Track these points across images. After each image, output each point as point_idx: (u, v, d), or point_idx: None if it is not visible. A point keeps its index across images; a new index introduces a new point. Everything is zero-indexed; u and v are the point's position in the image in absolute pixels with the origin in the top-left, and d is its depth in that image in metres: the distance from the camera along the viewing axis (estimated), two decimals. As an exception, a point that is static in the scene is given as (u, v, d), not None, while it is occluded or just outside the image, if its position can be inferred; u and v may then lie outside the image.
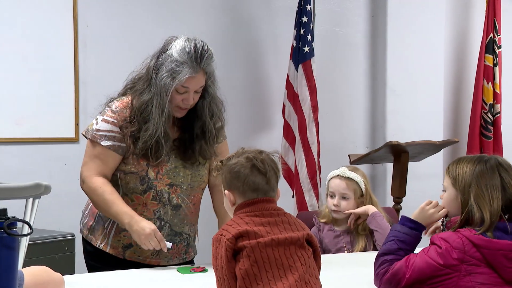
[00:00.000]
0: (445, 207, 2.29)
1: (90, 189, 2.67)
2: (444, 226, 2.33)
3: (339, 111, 5.37)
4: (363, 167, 4.31)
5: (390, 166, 4.75)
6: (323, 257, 2.12)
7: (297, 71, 4.84)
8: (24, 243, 2.36)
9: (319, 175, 4.79)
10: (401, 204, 4.40)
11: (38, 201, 2.41)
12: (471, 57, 5.70)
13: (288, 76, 4.91)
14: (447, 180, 2.27)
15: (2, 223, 1.69)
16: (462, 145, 5.50)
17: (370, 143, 5.45)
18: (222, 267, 1.91)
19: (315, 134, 4.82)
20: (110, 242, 2.74)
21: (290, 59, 4.90)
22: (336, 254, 3.08)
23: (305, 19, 4.80)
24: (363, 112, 5.47)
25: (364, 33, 5.43)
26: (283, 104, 4.95)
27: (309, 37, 4.81)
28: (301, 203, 4.76)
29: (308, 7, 4.83)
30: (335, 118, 5.30)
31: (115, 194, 2.64)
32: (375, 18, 5.42)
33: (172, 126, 2.72)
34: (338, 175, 3.14)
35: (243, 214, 1.99)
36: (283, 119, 4.94)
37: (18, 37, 3.99)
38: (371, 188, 3.23)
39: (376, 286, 2.26)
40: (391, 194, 4.49)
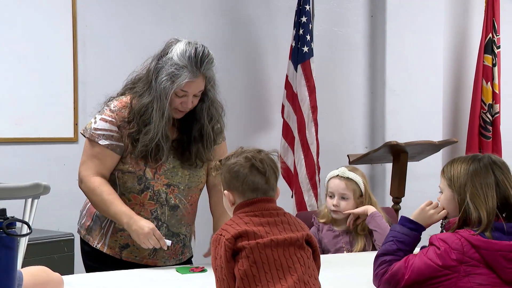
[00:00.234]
0: (444, 208, 2.30)
1: (88, 189, 2.67)
2: (443, 227, 2.33)
3: (338, 111, 5.36)
4: (362, 167, 4.31)
5: (389, 166, 4.75)
6: (322, 257, 2.12)
7: (296, 71, 4.84)
8: (23, 243, 2.36)
9: (318, 175, 4.79)
10: (400, 204, 4.39)
11: (37, 201, 2.41)
12: (470, 57, 5.70)
13: (287, 76, 4.91)
14: (443, 182, 2.27)
15: (1, 223, 1.69)
16: (461, 145, 5.50)
17: (369, 143, 5.45)
18: (222, 267, 1.91)
19: (314, 134, 4.82)
20: (107, 243, 2.74)
21: (289, 59, 4.90)
22: (335, 254, 3.08)
23: (304, 19, 4.80)
24: (362, 112, 5.46)
25: (363, 33, 5.43)
26: (282, 104, 4.95)
27: (308, 37, 4.81)
28: (300, 203, 4.76)
29: (307, 7, 4.83)
30: (334, 118, 5.30)
31: (113, 194, 2.64)
32: (374, 18, 5.42)
33: (171, 127, 2.71)
34: (338, 175, 3.14)
35: (243, 214, 1.98)
36: (282, 119, 4.94)
37: (17, 37, 3.99)
38: (370, 188, 3.22)
39: (375, 286, 2.26)
40: (390, 194, 4.49)
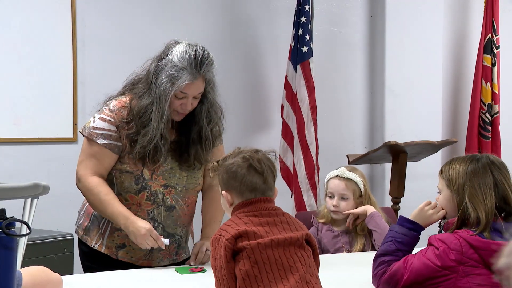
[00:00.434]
0: (443, 209, 2.30)
1: (86, 188, 2.67)
2: (442, 227, 2.33)
3: (338, 111, 5.36)
4: (361, 167, 4.31)
5: (388, 166, 4.75)
6: (322, 257, 2.12)
7: (295, 71, 4.84)
8: (22, 243, 2.36)
9: (318, 175, 4.79)
10: (399, 204, 4.39)
11: (36, 201, 2.40)
12: (470, 57, 5.70)
13: (286, 76, 4.91)
14: (441, 182, 2.27)
15: (0, 223, 1.69)
16: (460, 145, 5.50)
17: (369, 143, 5.45)
18: (221, 267, 1.91)
19: (314, 134, 4.82)
20: (105, 242, 2.74)
21: (289, 59, 4.90)
22: (334, 254, 3.08)
23: (303, 19, 4.80)
24: (362, 112, 5.46)
25: (363, 33, 5.43)
26: (282, 104, 4.95)
27: (307, 37, 4.81)
28: (299, 203, 4.76)
29: (307, 7, 4.83)
30: (333, 118, 5.30)
31: (110, 195, 2.64)
32: (374, 19, 5.42)
33: (170, 129, 2.71)
34: (337, 176, 3.14)
35: (242, 214, 1.98)
36: (281, 119, 4.94)
37: (16, 37, 3.99)
38: (369, 188, 3.22)
39: (374, 287, 2.26)
40: (390, 194, 4.49)
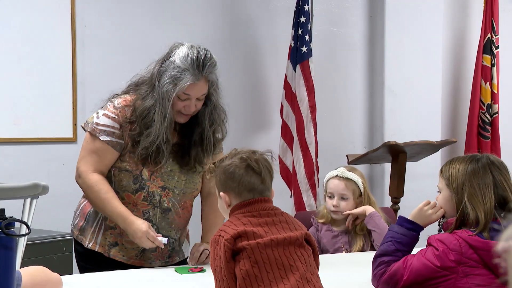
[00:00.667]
0: (442, 208, 2.30)
1: (86, 185, 2.67)
2: (441, 227, 2.33)
3: (337, 111, 5.36)
4: (361, 167, 4.31)
5: (388, 166, 4.75)
6: (321, 257, 2.12)
7: (295, 71, 4.83)
8: (22, 243, 2.35)
9: (317, 175, 4.79)
10: (399, 204, 4.39)
11: (36, 201, 2.40)
12: (469, 57, 5.71)
13: (286, 76, 4.90)
14: (441, 182, 2.27)
15: (0, 223, 1.69)
16: (460, 145, 5.50)
17: (368, 143, 5.45)
18: (221, 267, 1.91)
19: (313, 134, 4.82)
20: (99, 241, 2.74)
21: (288, 59, 4.89)
22: (334, 254, 3.08)
23: (303, 19, 4.80)
24: (361, 112, 5.46)
25: (362, 33, 5.43)
26: (281, 104, 4.95)
27: (307, 37, 4.81)
28: (299, 203, 4.76)
29: (306, 7, 4.83)
30: (333, 118, 5.30)
31: (110, 193, 2.64)
32: (373, 18, 5.42)
33: (173, 131, 2.72)
34: (337, 176, 3.13)
35: (240, 215, 1.98)
36: (281, 119, 4.94)
37: (16, 37, 3.98)
38: (369, 188, 3.22)
39: (374, 287, 2.26)
40: (389, 194, 4.49)
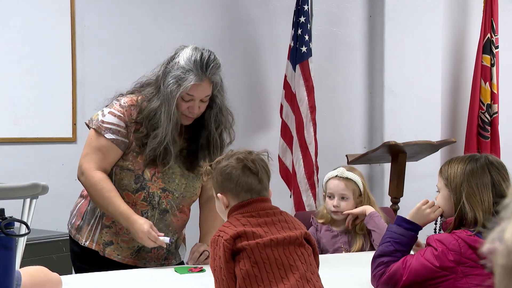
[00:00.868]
0: (440, 207, 2.30)
1: (89, 183, 2.66)
2: (440, 227, 2.33)
3: (337, 111, 5.37)
4: (360, 167, 4.31)
5: (387, 166, 4.75)
6: (321, 257, 2.12)
7: (294, 71, 4.84)
8: (21, 243, 2.36)
9: (317, 175, 4.79)
10: (398, 204, 4.39)
11: (35, 201, 2.40)
12: (469, 57, 5.71)
13: (285, 76, 4.90)
14: (440, 181, 2.28)
15: (-1, 223, 1.69)
16: (459, 145, 5.50)
17: (368, 143, 5.45)
18: (221, 267, 1.91)
19: (313, 134, 4.82)
20: (96, 239, 2.75)
21: (288, 59, 4.90)
22: (333, 254, 3.08)
23: (302, 19, 4.80)
24: (361, 112, 5.47)
25: (362, 33, 5.43)
26: (281, 104, 4.95)
27: (306, 37, 4.81)
28: (298, 203, 4.76)
29: (306, 7, 4.83)
30: (332, 118, 5.30)
31: (113, 192, 2.64)
32: (373, 18, 5.42)
33: (179, 136, 2.72)
34: (337, 176, 3.13)
35: (239, 215, 1.98)
36: (280, 119, 4.94)
37: (16, 37, 3.98)
38: (368, 188, 3.23)
39: (373, 287, 2.26)
40: (389, 194, 4.49)
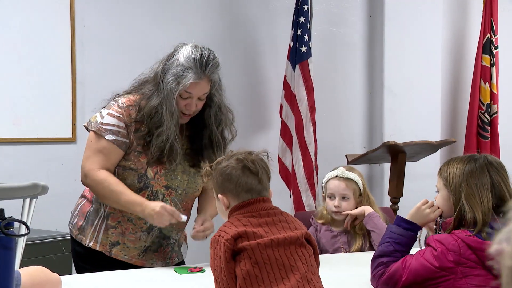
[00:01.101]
0: (439, 208, 2.30)
1: (95, 182, 2.65)
2: (440, 227, 2.33)
3: (337, 111, 5.37)
4: (360, 167, 4.31)
5: (387, 166, 4.75)
6: (321, 257, 2.12)
7: (294, 71, 4.84)
8: (21, 243, 2.36)
9: (316, 175, 4.79)
10: (398, 204, 4.39)
11: (35, 201, 2.41)
12: (468, 57, 5.71)
13: (285, 76, 4.91)
14: (440, 181, 2.28)
15: (-1, 223, 1.69)
16: (459, 145, 5.50)
17: (368, 143, 5.45)
18: (221, 267, 1.91)
19: (312, 134, 4.82)
20: (100, 240, 2.74)
21: (288, 59, 4.90)
22: (333, 254, 3.08)
23: (302, 19, 4.80)
24: (361, 112, 5.47)
25: (362, 33, 5.43)
26: (281, 104, 4.95)
27: (306, 37, 4.81)
28: (298, 203, 4.76)
29: (306, 7, 4.83)
30: (332, 118, 5.30)
31: (121, 185, 2.64)
32: (373, 18, 5.42)
33: (180, 135, 2.72)
34: (337, 176, 3.13)
35: (240, 216, 1.98)
36: (280, 119, 4.94)
37: (15, 37, 3.98)
38: (368, 188, 3.23)
39: (373, 287, 2.26)
40: (389, 194, 4.49)
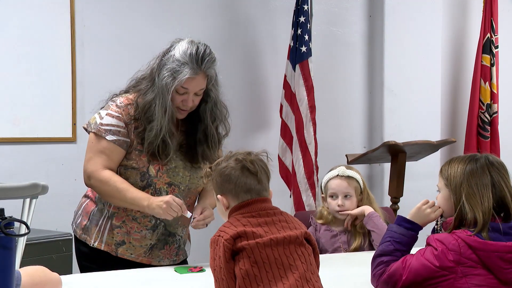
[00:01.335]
0: (440, 207, 2.30)
1: (100, 182, 2.65)
2: (441, 226, 2.33)
3: (337, 111, 5.37)
4: (360, 167, 4.32)
5: (387, 166, 4.75)
6: (320, 256, 2.12)
7: (294, 71, 4.83)
8: (21, 243, 2.36)
9: (317, 175, 4.79)
10: (398, 204, 4.40)
11: (35, 201, 2.40)
12: (468, 57, 5.71)
13: (285, 76, 4.90)
14: (441, 181, 2.28)
15: (-1, 223, 1.69)
16: (459, 145, 5.50)
17: (368, 143, 5.45)
18: (221, 267, 1.91)
19: (313, 134, 4.82)
20: (105, 239, 2.74)
21: (288, 59, 4.90)
22: (333, 254, 3.08)
23: (302, 19, 4.80)
24: (361, 112, 5.47)
25: (362, 33, 5.43)
26: (281, 104, 4.95)
27: (306, 37, 4.81)
28: (298, 203, 4.76)
29: (306, 7, 4.83)
30: (332, 118, 5.30)
31: (126, 183, 2.65)
32: (373, 18, 5.42)
33: (176, 130, 2.72)
34: (338, 175, 3.13)
35: (240, 216, 1.99)
36: (280, 119, 4.94)
37: (15, 37, 3.98)
38: (368, 188, 3.23)
39: (373, 287, 2.26)
40: (389, 194, 4.49)
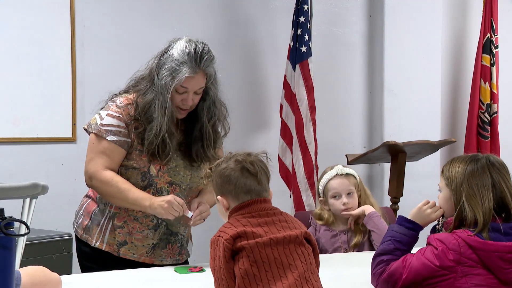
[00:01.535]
0: (441, 208, 2.30)
1: (102, 182, 2.65)
2: (442, 226, 2.33)
3: (337, 111, 5.37)
4: (360, 167, 4.32)
5: (387, 166, 4.75)
6: (320, 256, 2.12)
7: (294, 71, 4.83)
8: (21, 243, 2.36)
9: (317, 175, 4.79)
10: (398, 204, 4.40)
11: (35, 201, 2.40)
12: (468, 57, 5.71)
13: (285, 76, 4.90)
14: (442, 181, 2.28)
15: (-1, 223, 1.69)
16: (459, 145, 5.50)
17: (368, 143, 5.45)
18: (221, 267, 1.92)
19: (313, 134, 4.82)
20: (106, 240, 2.74)
21: (288, 59, 4.89)
22: (333, 254, 3.08)
23: (302, 19, 4.80)
24: (361, 112, 5.47)
25: (362, 33, 5.43)
26: (281, 104, 4.95)
27: (306, 37, 4.81)
28: (298, 203, 4.76)
29: (306, 7, 4.83)
30: (332, 118, 5.30)
31: (127, 183, 2.65)
32: (373, 18, 5.42)
33: (176, 128, 2.73)
34: (337, 175, 3.13)
35: (240, 216, 1.99)
36: (280, 119, 4.94)
37: (15, 37, 3.98)
38: (368, 188, 3.24)
39: (373, 286, 2.26)
40: (389, 194, 4.49)
